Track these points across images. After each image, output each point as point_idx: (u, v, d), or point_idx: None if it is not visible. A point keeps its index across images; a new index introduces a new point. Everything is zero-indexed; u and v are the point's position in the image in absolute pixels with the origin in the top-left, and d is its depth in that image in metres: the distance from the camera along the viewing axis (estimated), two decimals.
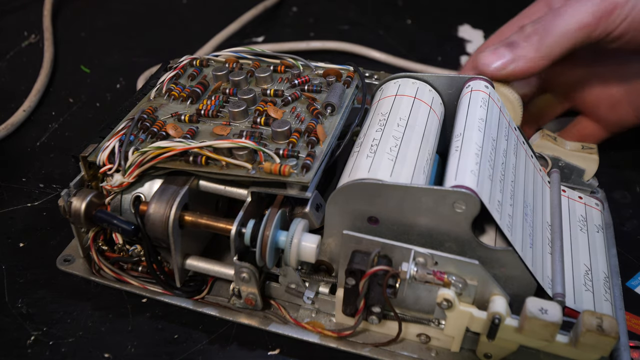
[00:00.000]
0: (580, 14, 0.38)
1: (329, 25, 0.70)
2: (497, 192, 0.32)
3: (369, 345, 0.34)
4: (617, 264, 0.39)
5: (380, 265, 0.31)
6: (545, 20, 0.40)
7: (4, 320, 0.37)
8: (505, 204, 0.33)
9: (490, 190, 0.32)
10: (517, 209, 0.34)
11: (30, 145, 0.51)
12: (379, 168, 0.32)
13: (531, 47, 0.39)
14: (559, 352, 0.31)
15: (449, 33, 0.69)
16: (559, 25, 0.39)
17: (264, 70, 0.41)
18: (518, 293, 0.32)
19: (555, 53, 0.39)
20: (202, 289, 0.37)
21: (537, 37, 0.39)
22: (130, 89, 0.58)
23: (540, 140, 0.44)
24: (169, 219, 0.33)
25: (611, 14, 0.38)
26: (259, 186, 0.34)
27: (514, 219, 0.33)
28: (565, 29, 0.39)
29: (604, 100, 0.46)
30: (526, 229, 0.34)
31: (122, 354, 0.35)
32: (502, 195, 0.33)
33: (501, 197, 0.33)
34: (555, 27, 0.39)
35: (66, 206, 0.35)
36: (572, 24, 0.38)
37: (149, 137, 0.36)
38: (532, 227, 0.35)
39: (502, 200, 0.32)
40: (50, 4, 0.68)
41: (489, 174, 0.32)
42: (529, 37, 0.39)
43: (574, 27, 0.38)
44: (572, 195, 0.41)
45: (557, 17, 0.39)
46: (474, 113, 0.36)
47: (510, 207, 0.33)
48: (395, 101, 0.38)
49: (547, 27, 0.39)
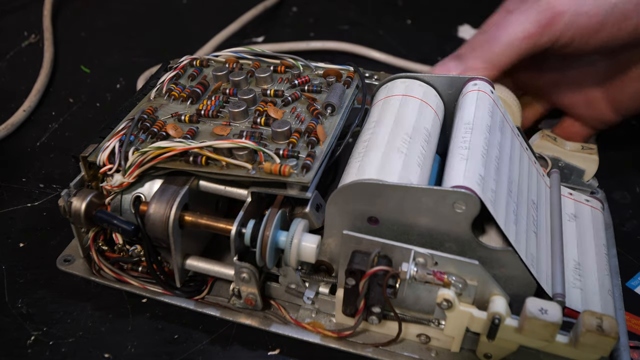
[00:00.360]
0: (523, 23, 0.39)
1: (329, 25, 0.70)
2: (497, 192, 0.32)
3: (369, 346, 0.34)
4: (617, 264, 0.39)
5: (380, 265, 0.31)
6: (490, 31, 0.40)
7: (4, 320, 0.37)
8: (505, 203, 0.33)
9: (490, 190, 0.32)
10: (517, 208, 0.34)
11: (30, 145, 0.51)
12: (378, 168, 0.32)
13: (477, 59, 0.40)
14: (558, 352, 0.31)
15: (449, 33, 0.69)
16: (503, 36, 0.39)
17: (264, 71, 0.41)
18: (518, 293, 0.32)
19: (502, 63, 0.40)
20: (202, 289, 0.37)
21: (482, 48, 0.40)
22: (130, 89, 0.58)
23: (540, 141, 0.44)
24: (169, 219, 0.33)
25: (554, 22, 0.39)
26: (259, 186, 0.34)
27: (514, 219, 0.33)
28: (510, 40, 0.39)
29: (580, 99, 0.46)
30: (521, 222, 0.34)
31: (122, 354, 0.35)
32: (502, 195, 0.33)
33: (501, 196, 0.33)
34: (500, 38, 0.40)
35: (66, 206, 0.35)
36: (516, 34, 0.39)
37: (149, 137, 0.36)
38: (532, 227, 0.35)
39: (502, 200, 0.32)
40: (50, 4, 0.68)
41: (488, 174, 0.32)
42: (475, 49, 0.40)
43: (518, 37, 0.39)
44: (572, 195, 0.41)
45: (501, 29, 0.40)
46: (474, 113, 0.36)
47: (511, 207, 0.33)
48: (395, 101, 0.38)
49: (492, 38, 0.40)
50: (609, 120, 0.46)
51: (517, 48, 0.39)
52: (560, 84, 0.46)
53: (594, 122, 0.47)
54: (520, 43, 0.39)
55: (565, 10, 0.38)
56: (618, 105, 0.45)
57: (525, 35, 0.39)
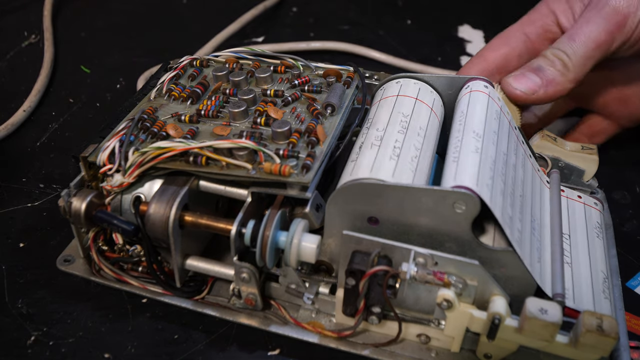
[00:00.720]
0: (595, 33, 0.39)
1: (329, 25, 0.70)
2: (498, 192, 0.32)
3: (369, 346, 0.34)
4: (617, 265, 0.39)
5: (380, 265, 0.31)
6: (563, 44, 0.40)
7: (4, 320, 0.37)
8: (505, 204, 0.33)
9: (490, 190, 0.32)
10: (517, 208, 0.34)
11: (30, 145, 0.51)
12: (379, 168, 0.33)
13: (557, 73, 0.40)
14: (558, 352, 0.31)
15: (449, 33, 0.69)
16: (578, 49, 0.39)
17: (264, 71, 0.41)
18: (518, 293, 0.32)
19: (580, 75, 0.40)
20: (202, 289, 0.37)
21: (560, 62, 0.40)
22: (130, 89, 0.58)
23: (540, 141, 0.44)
24: (169, 219, 0.33)
25: (623, 25, 0.39)
26: (259, 186, 0.34)
27: (514, 219, 0.33)
28: (585, 52, 0.39)
29: (614, 98, 0.46)
30: (526, 228, 0.34)
31: (122, 354, 0.35)
32: (502, 195, 0.33)
33: (501, 196, 0.33)
34: (576, 52, 0.39)
35: (66, 206, 0.35)
36: (590, 46, 0.39)
37: (149, 137, 0.36)
38: (532, 226, 0.35)
39: (502, 200, 0.32)
40: (50, 4, 0.68)
41: (488, 174, 0.32)
42: (553, 63, 0.40)
43: (592, 48, 0.39)
44: (572, 195, 0.41)
45: (574, 41, 0.40)
46: (473, 113, 0.36)
47: (511, 207, 0.33)
48: (395, 101, 0.38)
49: (567, 51, 0.40)
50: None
51: (592, 58, 0.40)
52: (595, 83, 0.46)
53: (624, 120, 0.47)
54: (594, 53, 0.39)
55: (632, 12, 0.39)
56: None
57: (597, 46, 0.39)
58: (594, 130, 0.48)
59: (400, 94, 0.38)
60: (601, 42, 0.39)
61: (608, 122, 0.48)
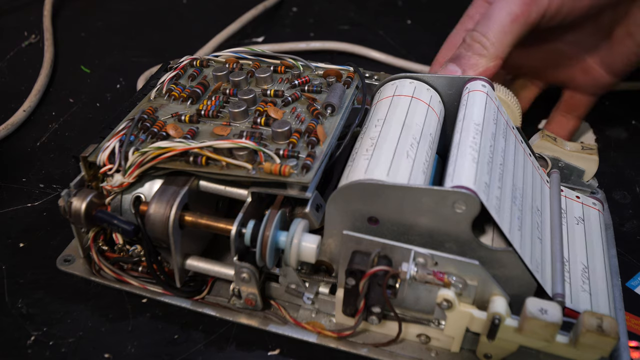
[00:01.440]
0: (508, 6, 0.39)
1: (329, 25, 0.70)
2: (498, 192, 0.32)
3: (369, 346, 0.35)
4: (617, 265, 0.39)
5: (380, 265, 0.31)
6: (479, 25, 0.40)
7: (4, 320, 0.37)
8: (505, 204, 0.33)
9: (490, 191, 0.32)
10: (517, 208, 0.34)
11: (30, 145, 0.51)
12: (378, 168, 0.33)
13: (476, 55, 0.40)
14: (558, 352, 0.31)
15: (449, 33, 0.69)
16: (493, 26, 0.39)
17: (264, 71, 0.41)
18: (518, 293, 0.32)
19: (501, 51, 0.40)
20: (202, 289, 0.37)
21: (477, 44, 0.40)
22: (130, 89, 0.58)
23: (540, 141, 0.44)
24: (169, 219, 0.33)
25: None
26: (259, 186, 0.34)
27: (514, 219, 0.33)
28: (501, 27, 0.39)
29: (575, 70, 0.47)
30: (526, 228, 0.34)
31: (122, 354, 0.35)
32: (502, 195, 0.33)
33: (501, 197, 0.33)
34: (491, 29, 0.39)
35: (66, 206, 0.35)
36: (505, 20, 0.39)
37: (149, 137, 0.36)
38: (533, 226, 0.35)
39: (502, 200, 0.32)
40: (50, 4, 0.68)
41: (489, 174, 0.32)
42: (471, 46, 0.40)
43: (508, 22, 0.39)
44: (572, 195, 0.41)
45: (489, 19, 0.40)
46: (473, 113, 0.36)
47: (510, 207, 0.33)
48: (395, 102, 0.38)
49: (483, 31, 0.40)
50: (607, 83, 0.47)
51: (510, 32, 0.39)
52: (553, 59, 0.47)
53: (593, 89, 0.47)
54: (511, 27, 0.39)
55: None
56: (612, 67, 0.46)
57: (513, 19, 0.39)
58: (571, 106, 0.49)
59: (399, 94, 0.38)
60: (517, 16, 0.39)
61: (581, 95, 0.48)
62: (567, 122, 0.49)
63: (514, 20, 0.39)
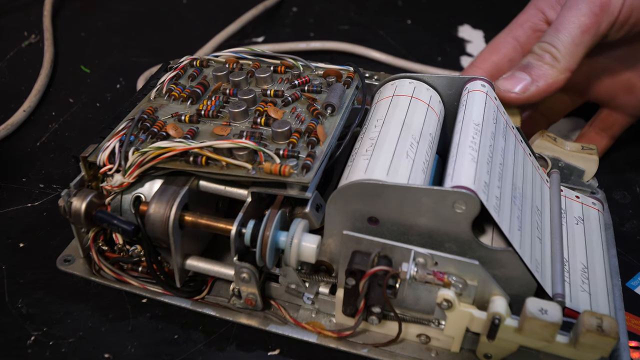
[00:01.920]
0: (579, 18, 0.39)
1: (329, 25, 0.70)
2: (497, 191, 0.32)
3: (369, 346, 0.34)
4: (617, 265, 0.39)
5: (381, 265, 0.31)
6: (549, 36, 0.40)
7: (4, 320, 0.37)
8: (505, 203, 0.33)
9: (490, 190, 0.32)
10: (516, 208, 0.34)
11: (30, 145, 0.51)
12: (378, 168, 0.32)
13: (547, 66, 0.39)
14: (558, 352, 0.31)
15: (449, 33, 0.69)
16: (564, 38, 0.39)
17: (264, 71, 0.41)
18: (518, 293, 0.32)
19: (572, 63, 0.39)
20: (202, 289, 0.37)
21: (548, 54, 0.39)
22: (130, 89, 0.58)
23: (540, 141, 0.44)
24: (169, 219, 0.33)
25: (607, 5, 0.38)
26: (259, 186, 0.34)
27: (514, 219, 0.33)
28: (572, 39, 0.39)
29: (618, 88, 0.46)
30: (525, 228, 0.34)
31: (122, 354, 0.35)
32: (501, 195, 0.33)
33: (501, 196, 0.33)
34: (562, 41, 0.39)
35: (66, 206, 0.35)
36: (575, 32, 0.39)
37: (149, 137, 0.36)
38: (536, 232, 0.35)
39: (501, 199, 0.32)
40: (50, 4, 0.68)
41: (488, 174, 0.32)
42: (542, 57, 0.40)
43: (578, 34, 0.39)
44: (571, 195, 0.41)
45: (559, 31, 0.39)
46: (473, 113, 0.36)
47: (510, 207, 0.33)
48: (394, 102, 0.38)
49: (554, 42, 0.39)
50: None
51: (581, 44, 0.39)
52: (597, 74, 0.46)
53: (633, 110, 0.46)
54: (582, 39, 0.39)
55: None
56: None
57: (583, 30, 0.39)
58: (606, 124, 0.48)
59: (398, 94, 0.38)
60: (587, 27, 0.39)
61: (619, 114, 0.47)
62: (600, 140, 0.48)
63: (585, 31, 0.39)
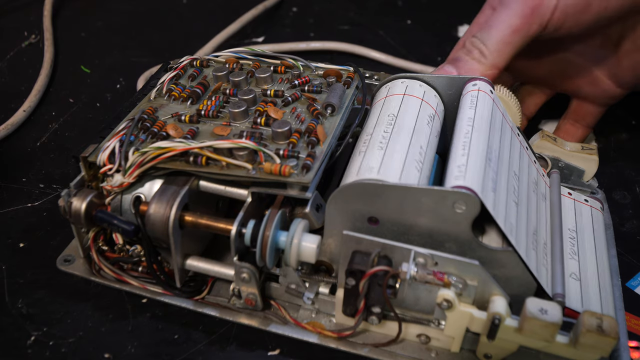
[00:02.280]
0: (509, 18, 0.39)
1: (329, 25, 0.70)
2: (498, 191, 0.32)
3: (369, 346, 0.35)
4: (617, 265, 0.39)
5: (381, 265, 0.31)
6: (481, 32, 0.40)
7: (4, 320, 0.37)
8: (505, 203, 0.33)
9: (490, 190, 0.32)
10: (516, 208, 0.34)
11: (30, 145, 0.51)
12: (379, 168, 0.32)
13: (474, 61, 0.40)
14: (558, 352, 0.31)
15: (449, 33, 0.69)
16: (494, 35, 0.40)
17: (264, 71, 0.41)
18: (518, 293, 0.32)
19: (499, 61, 0.40)
20: (202, 289, 0.37)
21: (477, 50, 0.40)
22: (130, 89, 0.58)
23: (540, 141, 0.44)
24: (169, 219, 0.33)
25: (537, 9, 0.39)
26: (259, 186, 0.34)
27: (514, 219, 0.33)
28: (501, 37, 0.39)
29: (583, 80, 0.46)
30: (529, 228, 0.34)
31: (122, 354, 0.35)
32: (502, 195, 0.33)
33: (501, 196, 0.33)
34: (492, 38, 0.40)
35: (66, 206, 0.35)
36: (505, 31, 0.39)
37: (149, 137, 0.36)
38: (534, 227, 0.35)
39: (502, 200, 0.32)
40: (50, 4, 0.68)
41: (488, 174, 0.32)
42: (470, 51, 0.40)
43: (508, 33, 0.39)
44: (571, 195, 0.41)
45: (490, 28, 0.40)
46: (473, 113, 0.36)
47: (511, 207, 0.33)
48: (395, 101, 0.38)
49: (484, 38, 0.40)
50: (615, 94, 0.47)
51: (510, 43, 0.40)
52: (560, 68, 0.46)
53: (601, 100, 0.47)
54: (511, 39, 0.39)
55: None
56: (620, 79, 0.45)
57: (513, 30, 0.39)
58: (579, 115, 0.48)
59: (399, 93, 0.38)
60: (517, 27, 0.39)
61: (589, 104, 0.48)
62: (575, 131, 0.49)
63: (515, 31, 0.39)
